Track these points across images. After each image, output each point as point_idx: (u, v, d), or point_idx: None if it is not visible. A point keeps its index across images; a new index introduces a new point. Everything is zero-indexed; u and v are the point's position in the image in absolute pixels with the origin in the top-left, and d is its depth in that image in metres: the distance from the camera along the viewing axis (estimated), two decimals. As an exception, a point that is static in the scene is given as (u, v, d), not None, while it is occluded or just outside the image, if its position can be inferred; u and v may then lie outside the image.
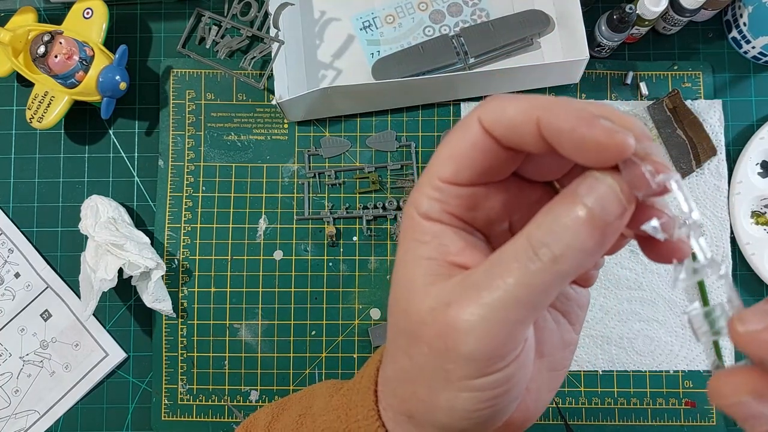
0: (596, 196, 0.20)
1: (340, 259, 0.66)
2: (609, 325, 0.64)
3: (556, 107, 0.21)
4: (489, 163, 0.23)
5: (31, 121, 0.64)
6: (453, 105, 0.68)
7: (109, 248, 0.61)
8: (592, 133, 0.20)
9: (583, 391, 0.64)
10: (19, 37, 0.63)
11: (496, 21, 0.68)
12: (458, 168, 0.23)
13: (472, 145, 0.22)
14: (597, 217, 0.20)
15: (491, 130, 0.22)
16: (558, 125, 0.20)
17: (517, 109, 0.22)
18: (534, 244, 0.21)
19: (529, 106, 0.21)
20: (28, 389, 0.65)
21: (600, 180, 0.20)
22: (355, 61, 0.69)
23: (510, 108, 0.22)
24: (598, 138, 0.20)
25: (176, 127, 0.68)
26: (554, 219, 0.20)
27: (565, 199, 0.21)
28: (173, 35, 0.70)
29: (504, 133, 0.22)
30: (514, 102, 0.22)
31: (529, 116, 0.21)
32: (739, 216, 0.64)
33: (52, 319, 0.66)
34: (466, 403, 0.22)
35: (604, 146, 0.20)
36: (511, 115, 0.22)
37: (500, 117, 0.22)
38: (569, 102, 0.21)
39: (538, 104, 0.21)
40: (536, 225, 0.21)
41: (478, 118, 0.22)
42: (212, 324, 0.66)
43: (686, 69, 0.68)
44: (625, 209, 0.21)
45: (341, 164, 0.67)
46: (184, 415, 0.65)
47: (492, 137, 0.22)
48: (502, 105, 0.22)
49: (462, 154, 0.23)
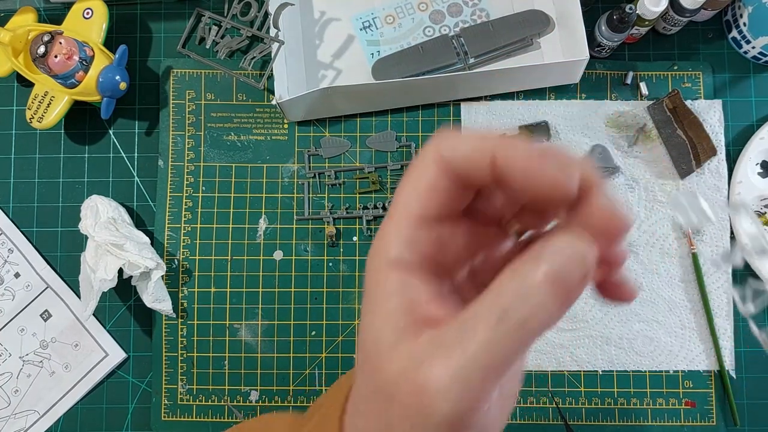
0: (560, 260, 0.21)
1: (340, 260, 0.66)
2: (609, 326, 0.64)
3: (510, 143, 0.22)
4: (448, 199, 0.24)
5: (31, 121, 0.64)
6: (453, 105, 0.68)
7: (109, 248, 0.61)
8: (544, 166, 0.21)
9: (583, 391, 0.64)
10: (19, 37, 0.63)
11: (496, 21, 0.68)
12: (423, 204, 0.23)
13: (434, 181, 0.23)
14: (561, 281, 0.21)
15: (449, 165, 0.23)
16: (514, 158, 0.21)
17: (473, 144, 0.23)
18: (500, 307, 0.21)
19: (485, 142, 0.22)
20: (28, 389, 0.65)
21: (563, 243, 0.21)
22: (355, 61, 0.69)
23: (466, 143, 0.23)
24: (550, 170, 0.21)
25: (176, 127, 0.68)
26: (519, 282, 0.21)
27: (530, 263, 0.21)
28: (173, 35, 0.70)
29: (461, 167, 0.23)
30: (471, 138, 0.23)
31: (486, 151, 0.22)
32: (739, 216, 0.64)
33: (52, 319, 0.66)
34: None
35: (555, 179, 0.21)
36: (468, 150, 0.23)
37: (457, 152, 0.23)
38: (521, 140, 0.22)
39: (494, 140, 0.22)
40: (502, 287, 0.21)
41: (437, 153, 0.23)
42: (212, 324, 0.66)
43: (686, 69, 0.68)
44: (588, 271, 0.21)
45: (341, 164, 0.67)
46: (184, 415, 0.65)
47: (449, 173, 0.23)
48: (458, 141, 0.23)
49: (426, 189, 0.23)
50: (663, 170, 0.66)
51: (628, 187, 0.66)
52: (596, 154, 0.66)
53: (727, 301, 0.64)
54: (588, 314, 0.65)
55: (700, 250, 0.65)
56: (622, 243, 0.22)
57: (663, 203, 0.65)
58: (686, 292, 0.65)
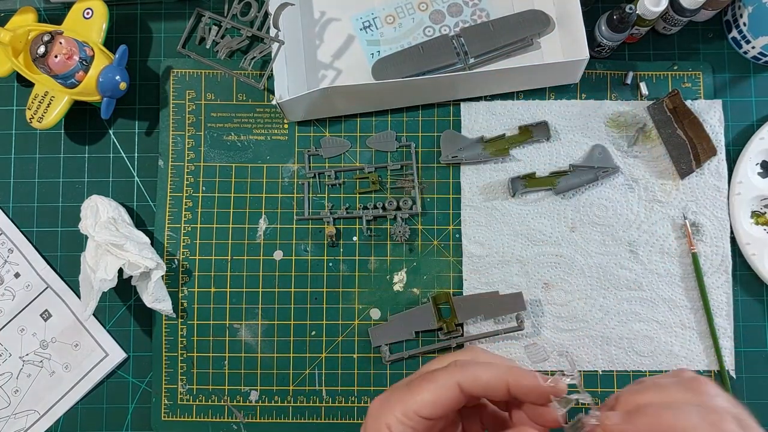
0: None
1: (340, 259, 0.66)
2: (609, 326, 0.64)
3: (520, 374, 0.34)
4: (455, 407, 0.34)
5: (31, 121, 0.64)
6: (453, 105, 0.68)
7: (109, 248, 0.61)
8: (543, 386, 0.34)
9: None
10: (19, 37, 0.63)
11: (496, 21, 0.68)
12: (435, 412, 0.33)
13: (450, 400, 0.34)
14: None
15: (468, 392, 0.34)
16: (524, 385, 0.34)
17: (490, 376, 0.34)
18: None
19: (500, 375, 0.34)
20: (28, 389, 0.65)
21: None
22: (355, 61, 0.69)
23: (485, 375, 0.34)
24: (547, 389, 0.34)
25: (176, 127, 0.68)
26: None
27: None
28: (173, 35, 0.70)
29: (479, 393, 0.34)
30: (487, 370, 0.34)
31: (502, 381, 0.34)
32: (739, 216, 0.64)
33: (52, 319, 0.66)
34: None
35: (551, 391, 0.34)
36: (486, 381, 0.34)
37: (477, 383, 0.34)
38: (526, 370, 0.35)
39: (506, 372, 0.34)
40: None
41: (458, 383, 0.34)
42: (212, 324, 0.66)
43: (686, 69, 0.68)
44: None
45: (341, 164, 0.67)
46: (184, 415, 0.65)
47: (467, 395, 0.34)
48: (479, 372, 0.34)
49: (442, 404, 0.33)
50: (663, 170, 0.66)
51: (628, 187, 0.66)
52: (596, 154, 0.66)
53: (727, 301, 0.64)
54: (588, 314, 0.65)
55: (700, 250, 0.65)
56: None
57: (663, 203, 0.65)
58: (686, 292, 0.65)
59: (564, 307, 0.65)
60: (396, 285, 0.66)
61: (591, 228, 0.66)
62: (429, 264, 0.66)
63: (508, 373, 0.34)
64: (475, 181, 0.66)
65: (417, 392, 0.34)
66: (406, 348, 0.65)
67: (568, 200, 0.66)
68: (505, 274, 0.65)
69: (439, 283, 0.66)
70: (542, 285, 0.65)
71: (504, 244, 0.66)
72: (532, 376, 0.34)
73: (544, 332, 0.64)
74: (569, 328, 0.64)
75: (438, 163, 0.67)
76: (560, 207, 0.66)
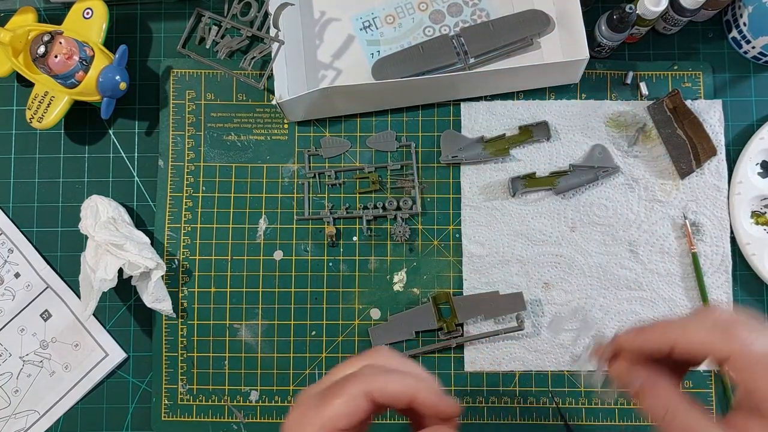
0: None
1: (340, 259, 0.66)
2: (609, 326, 0.64)
3: (424, 388, 0.36)
4: (369, 414, 0.35)
5: (31, 121, 0.64)
6: (453, 105, 0.68)
7: (109, 248, 0.61)
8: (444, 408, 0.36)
9: (582, 392, 0.64)
10: (19, 37, 0.63)
11: (496, 21, 0.68)
12: (351, 422, 0.34)
13: (363, 409, 0.35)
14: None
15: (377, 402, 0.35)
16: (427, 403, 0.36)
17: (397, 389, 0.35)
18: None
19: (407, 387, 0.36)
20: (28, 389, 0.65)
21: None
22: (355, 61, 0.69)
23: (392, 388, 0.35)
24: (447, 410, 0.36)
25: (176, 127, 0.68)
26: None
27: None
28: (173, 35, 0.70)
29: (386, 403, 0.35)
30: (395, 382, 0.35)
31: (408, 395, 0.35)
32: (739, 216, 0.64)
33: (52, 319, 0.66)
34: None
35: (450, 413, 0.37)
36: (393, 393, 0.35)
37: (384, 394, 0.35)
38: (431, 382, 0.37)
39: (413, 385, 0.36)
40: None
41: (368, 394, 0.35)
42: (212, 324, 0.66)
43: (686, 69, 0.68)
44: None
45: (341, 164, 0.67)
46: (184, 415, 0.65)
47: (374, 404, 0.35)
48: (386, 384, 0.35)
49: (357, 414, 0.34)
50: (663, 170, 0.66)
51: (628, 186, 0.66)
52: (596, 154, 0.66)
53: (727, 301, 0.64)
54: (588, 314, 0.65)
55: (700, 249, 0.65)
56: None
57: (663, 203, 0.65)
58: (686, 292, 0.65)
59: (564, 307, 0.65)
60: (396, 285, 0.66)
61: (591, 228, 0.66)
62: (429, 264, 0.66)
63: (416, 388, 0.36)
64: (475, 181, 0.66)
65: (330, 405, 0.35)
66: (406, 348, 0.65)
67: (568, 200, 0.66)
68: (505, 274, 0.65)
69: (439, 283, 0.66)
70: (542, 285, 0.65)
71: (504, 244, 0.66)
72: (437, 396, 0.36)
73: (544, 332, 0.64)
74: (569, 328, 0.64)
75: (438, 163, 0.67)
76: (560, 207, 0.66)
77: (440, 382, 0.64)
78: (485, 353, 0.64)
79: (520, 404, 0.64)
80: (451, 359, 0.65)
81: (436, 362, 0.65)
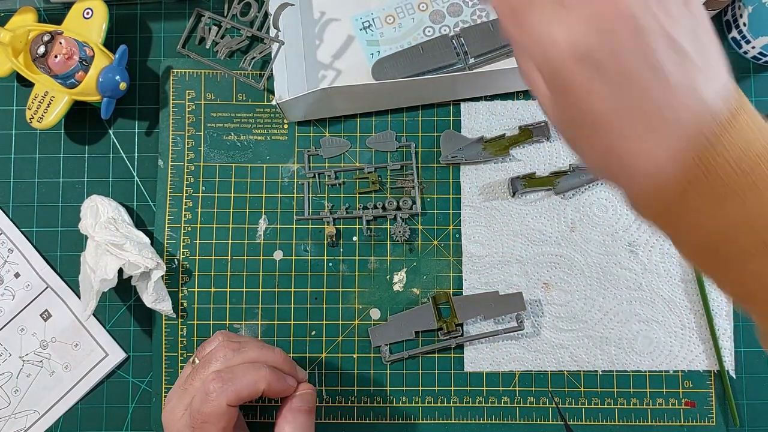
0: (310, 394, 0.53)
1: (340, 259, 0.66)
2: (608, 326, 0.64)
3: (274, 380, 0.49)
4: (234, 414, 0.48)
5: (31, 121, 0.64)
6: (453, 105, 0.68)
7: (109, 248, 0.61)
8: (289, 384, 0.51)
9: (583, 391, 0.64)
10: (19, 37, 0.63)
11: (496, 21, 0.68)
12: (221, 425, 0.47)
13: (229, 415, 0.48)
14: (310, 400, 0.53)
15: (236, 404, 0.48)
16: (278, 390, 0.50)
17: (249, 392, 0.48)
18: None
19: (257, 386, 0.48)
20: (28, 389, 0.65)
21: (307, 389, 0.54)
22: (355, 61, 0.69)
23: (245, 392, 0.48)
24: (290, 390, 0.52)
25: (176, 127, 0.68)
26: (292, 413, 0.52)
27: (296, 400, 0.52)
28: (173, 35, 0.70)
29: (245, 398, 0.48)
30: (247, 386, 0.48)
31: (259, 391, 0.48)
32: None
33: (52, 319, 0.66)
34: None
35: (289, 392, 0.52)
36: (247, 395, 0.48)
37: (240, 398, 0.48)
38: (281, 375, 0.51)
39: (262, 381, 0.48)
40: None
41: (228, 404, 0.47)
42: (212, 324, 0.66)
43: (686, 69, 0.68)
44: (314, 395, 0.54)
45: (341, 164, 0.67)
46: (184, 415, 0.65)
47: (238, 402, 0.48)
48: (239, 390, 0.47)
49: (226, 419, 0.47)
50: (663, 170, 0.66)
51: (628, 187, 0.66)
52: (596, 154, 0.66)
53: (727, 301, 0.64)
54: (587, 314, 0.65)
55: (700, 250, 0.64)
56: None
57: (663, 203, 0.65)
58: (686, 292, 0.65)
59: (564, 307, 0.65)
60: (396, 285, 0.66)
61: (591, 228, 0.66)
62: (429, 264, 0.66)
63: (266, 383, 0.48)
64: (475, 181, 0.66)
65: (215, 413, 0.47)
66: (406, 348, 0.65)
67: (568, 200, 0.66)
68: (505, 274, 0.65)
69: (439, 283, 0.66)
70: (542, 285, 0.65)
71: (504, 244, 0.66)
72: (285, 385, 0.50)
73: (544, 332, 0.64)
74: (569, 328, 0.65)
75: (438, 163, 0.67)
76: (560, 207, 0.66)
77: (439, 382, 0.64)
78: (485, 353, 0.64)
79: (520, 404, 0.64)
80: (451, 359, 0.65)
81: (436, 362, 0.65)
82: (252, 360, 0.51)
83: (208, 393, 0.47)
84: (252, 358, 0.51)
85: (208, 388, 0.47)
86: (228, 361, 0.50)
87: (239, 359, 0.50)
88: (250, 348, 0.52)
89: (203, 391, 0.47)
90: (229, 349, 0.51)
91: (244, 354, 0.51)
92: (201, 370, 0.50)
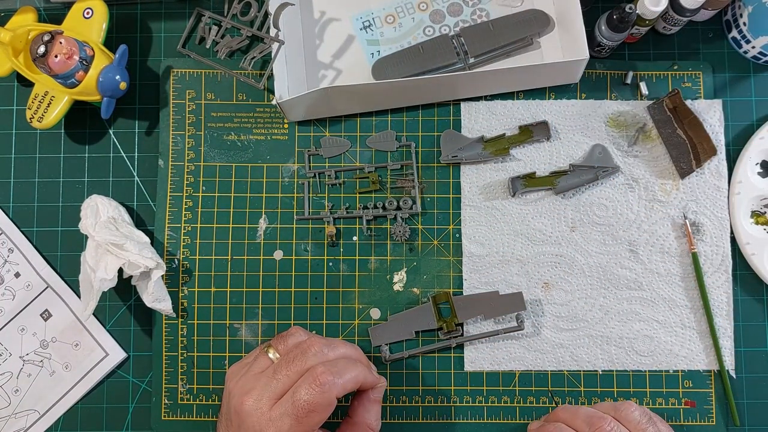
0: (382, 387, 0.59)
1: (340, 259, 0.66)
2: (609, 325, 0.64)
3: (369, 375, 0.55)
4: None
5: (31, 121, 0.64)
6: (453, 105, 0.68)
7: (109, 248, 0.61)
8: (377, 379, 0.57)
9: (583, 391, 0.64)
10: (19, 37, 0.63)
11: (496, 21, 0.68)
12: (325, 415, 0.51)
13: (333, 406, 0.51)
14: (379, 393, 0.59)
15: (340, 396, 0.51)
16: (367, 384, 0.55)
17: (353, 382, 0.52)
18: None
19: (357, 378, 0.52)
20: (28, 389, 0.65)
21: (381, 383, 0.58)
22: (355, 61, 0.69)
23: (349, 386, 0.52)
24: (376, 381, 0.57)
25: (176, 127, 0.68)
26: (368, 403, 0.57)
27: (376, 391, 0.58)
28: (173, 35, 0.70)
29: (347, 391, 0.52)
30: (350, 381, 0.52)
31: (358, 383, 0.53)
32: (739, 216, 0.64)
33: (52, 319, 0.66)
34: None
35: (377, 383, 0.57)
36: (351, 387, 0.52)
37: (345, 390, 0.51)
38: (372, 373, 0.57)
39: (362, 376, 0.53)
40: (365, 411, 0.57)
41: (337, 395, 0.50)
42: (212, 324, 0.66)
43: (686, 69, 0.68)
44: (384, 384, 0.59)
45: (341, 164, 0.67)
46: (184, 415, 0.65)
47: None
48: (344, 382, 0.51)
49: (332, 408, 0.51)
50: (663, 170, 0.66)
51: (628, 186, 0.66)
52: (596, 153, 0.66)
53: (727, 301, 0.64)
54: (588, 314, 0.65)
55: (700, 249, 0.65)
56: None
57: (663, 203, 0.65)
58: (686, 291, 0.65)
59: (564, 307, 0.65)
60: (396, 285, 0.66)
61: (591, 228, 0.66)
62: (429, 264, 0.66)
63: (363, 377, 0.53)
64: (475, 180, 0.66)
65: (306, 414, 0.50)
66: (406, 348, 0.65)
67: (568, 200, 0.66)
68: (505, 273, 0.65)
69: (439, 283, 0.66)
70: (542, 285, 0.65)
71: (504, 244, 0.66)
72: (374, 379, 0.56)
73: (544, 332, 0.64)
74: (569, 327, 0.65)
75: (438, 163, 0.67)
76: (560, 207, 0.66)
77: (438, 381, 0.64)
78: (485, 353, 0.64)
79: (520, 404, 0.64)
80: (451, 359, 0.65)
81: (436, 362, 0.65)
82: (344, 356, 0.54)
83: (321, 385, 0.49)
84: (344, 354, 0.54)
85: (320, 381, 0.49)
86: (324, 356, 0.52)
87: (333, 354, 0.53)
88: (338, 344, 0.55)
89: (314, 383, 0.49)
90: (323, 344, 0.53)
91: (336, 350, 0.54)
92: (296, 362, 0.52)
